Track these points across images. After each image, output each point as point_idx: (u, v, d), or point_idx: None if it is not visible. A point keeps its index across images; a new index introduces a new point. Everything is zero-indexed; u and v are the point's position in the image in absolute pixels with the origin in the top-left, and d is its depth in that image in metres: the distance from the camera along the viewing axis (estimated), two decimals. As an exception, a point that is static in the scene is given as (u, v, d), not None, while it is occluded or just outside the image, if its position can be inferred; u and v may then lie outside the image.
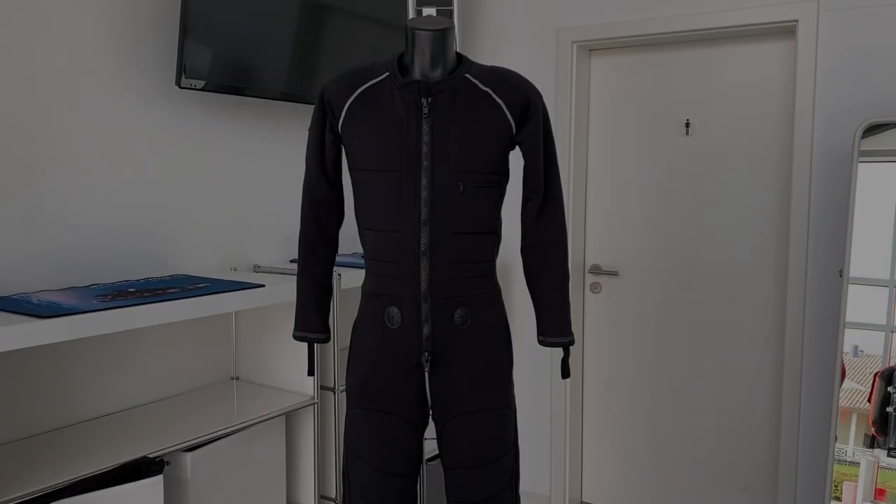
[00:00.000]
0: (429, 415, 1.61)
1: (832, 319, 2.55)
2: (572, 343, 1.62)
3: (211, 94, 2.26)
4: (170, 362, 2.17)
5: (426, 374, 1.54)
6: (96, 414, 1.98)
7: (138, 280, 2.03)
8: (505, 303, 2.11)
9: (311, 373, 1.70)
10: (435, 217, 1.48)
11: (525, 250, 1.62)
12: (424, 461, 2.18)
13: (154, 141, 2.12)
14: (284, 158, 2.53)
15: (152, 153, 2.11)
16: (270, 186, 2.49)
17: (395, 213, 1.49)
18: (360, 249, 2.89)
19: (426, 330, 1.51)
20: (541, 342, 1.63)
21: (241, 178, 2.39)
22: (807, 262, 2.58)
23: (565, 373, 1.65)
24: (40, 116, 1.84)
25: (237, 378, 2.38)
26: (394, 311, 1.52)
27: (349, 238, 2.82)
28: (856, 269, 2.21)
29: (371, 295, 1.56)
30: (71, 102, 1.90)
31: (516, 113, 1.52)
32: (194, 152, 2.23)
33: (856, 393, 2.18)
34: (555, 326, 1.61)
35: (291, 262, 2.55)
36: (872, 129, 2.25)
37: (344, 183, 1.80)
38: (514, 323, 3.24)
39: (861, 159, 2.26)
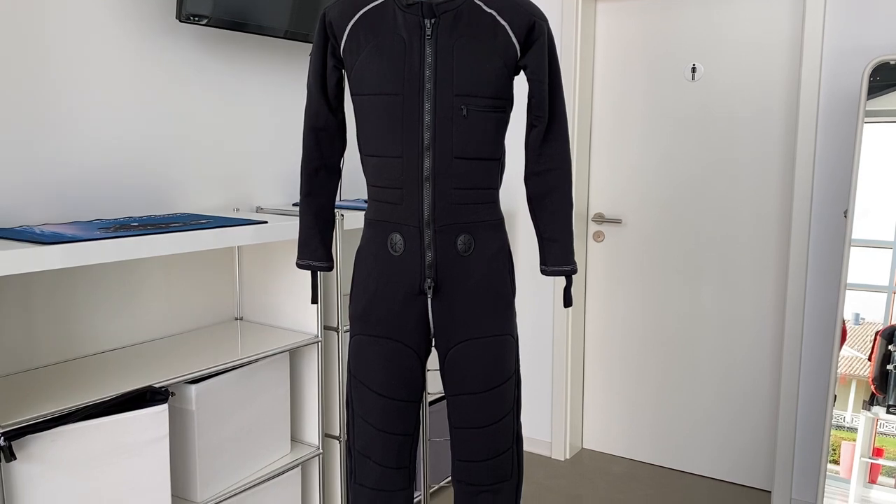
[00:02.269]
0: (431, 342, 1.61)
1: (835, 261, 2.54)
2: (575, 272, 1.62)
3: (213, 29, 2.23)
4: (173, 302, 2.18)
5: (429, 301, 1.55)
6: (99, 349, 1.99)
7: (141, 216, 2.03)
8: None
9: (314, 301, 1.71)
10: (438, 142, 1.47)
11: (529, 178, 1.61)
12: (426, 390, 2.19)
13: (155, 78, 2.10)
14: (287, 100, 2.51)
15: (153, 90, 2.10)
16: (273, 128, 2.48)
17: (398, 139, 1.48)
18: (362, 195, 2.88)
19: (429, 256, 1.51)
20: (543, 271, 1.63)
21: (244, 119, 2.37)
22: (811, 204, 2.56)
23: (568, 302, 1.65)
24: (41, 51, 1.82)
25: (241, 318, 2.39)
26: (397, 237, 1.52)
27: (351, 183, 2.81)
28: (858, 231, 2.19)
29: (374, 222, 1.56)
30: (71, 36, 1.88)
31: (521, 35, 1.50)
32: (196, 91, 2.21)
33: (855, 360, 2.19)
34: (558, 255, 1.61)
35: (294, 205, 2.54)
36: (880, 71, 2.22)
37: (347, 121, 1.78)
38: (515, 257, 3.25)
39: (867, 119, 2.22)
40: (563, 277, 3.02)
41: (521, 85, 2.96)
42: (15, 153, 1.80)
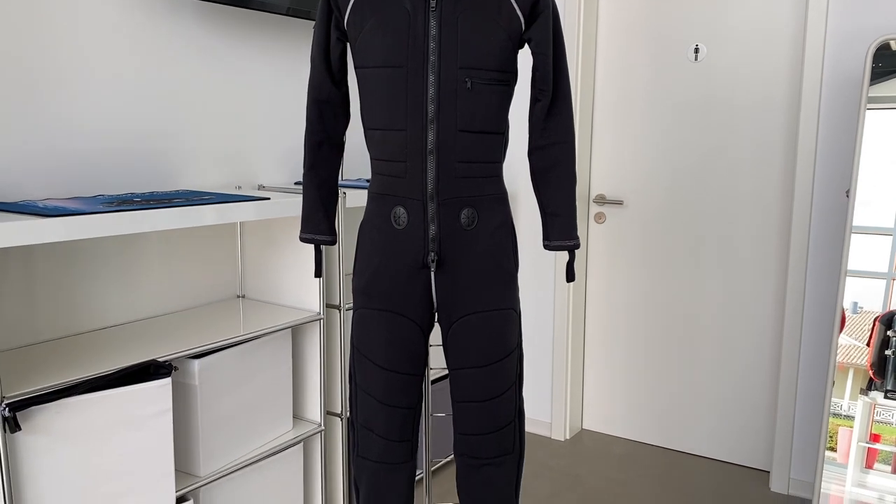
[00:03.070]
0: (434, 317, 1.62)
1: (836, 245, 2.54)
2: (578, 246, 1.62)
3: (216, 5, 2.22)
4: (175, 279, 2.18)
5: (432, 275, 1.55)
6: (101, 325, 2.00)
7: (143, 192, 2.03)
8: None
9: (318, 274, 1.71)
10: (442, 114, 1.47)
11: (532, 152, 1.61)
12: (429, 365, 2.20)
13: (157, 55, 2.09)
14: (289, 79, 2.50)
15: (155, 68, 2.09)
16: (276, 107, 2.47)
17: (402, 111, 1.48)
18: (364, 175, 2.87)
19: (432, 230, 1.51)
20: (546, 246, 1.63)
21: (246, 98, 2.36)
22: (813, 184, 2.56)
23: (570, 276, 1.66)
24: (43, 29, 1.81)
25: (243, 296, 2.39)
26: (400, 211, 1.52)
27: (353, 163, 2.80)
28: (858, 219, 2.18)
29: (377, 196, 1.56)
30: (73, 15, 1.87)
31: (526, 8, 1.49)
32: (198, 69, 2.20)
33: (853, 349, 2.19)
34: (561, 229, 1.61)
35: (296, 183, 2.54)
36: (882, 58, 2.21)
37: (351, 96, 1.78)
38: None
39: (869, 106, 2.21)
40: (565, 253, 3.04)
41: (524, 60, 2.95)
42: (17, 129, 1.79)
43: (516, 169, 3.16)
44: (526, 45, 1.57)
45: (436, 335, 2.78)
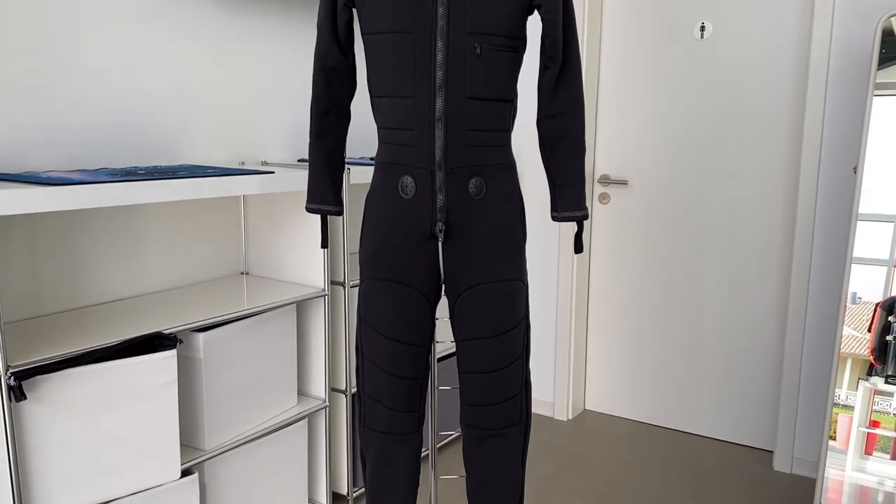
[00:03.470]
0: (441, 288, 1.61)
1: (842, 224, 2.53)
2: (586, 217, 1.61)
3: (217, -20, 2.20)
4: (179, 254, 2.17)
5: (440, 245, 1.54)
6: (104, 299, 1.99)
7: (147, 166, 2.01)
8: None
9: (324, 245, 1.70)
10: (450, 81, 1.45)
11: (541, 121, 1.60)
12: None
13: (162, 28, 2.07)
14: (294, 55, 2.48)
15: (159, 43, 2.07)
16: (280, 83, 2.45)
17: (410, 78, 1.46)
18: (369, 153, 2.86)
19: (440, 199, 1.50)
20: (554, 217, 1.62)
21: (250, 73, 2.35)
22: (819, 163, 2.55)
23: (578, 247, 1.64)
24: (44, 3, 1.80)
25: (246, 273, 2.38)
26: (408, 180, 1.51)
27: (358, 141, 2.79)
28: (862, 206, 2.17)
29: (385, 165, 1.54)
30: (74, -22, 1.85)
31: (535, -27, 1.47)
32: (203, 44, 2.18)
33: (852, 339, 2.19)
34: (569, 200, 1.59)
35: (300, 160, 2.52)
36: (887, 44, 2.18)
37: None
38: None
39: (877, 92, 2.19)
40: (569, 229, 3.02)
41: (533, 29, 2.92)
42: (21, 102, 1.77)
43: (521, 139, 3.14)
44: (535, 12, 1.55)
45: (443, 309, 2.77)
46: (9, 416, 1.45)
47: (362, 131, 2.81)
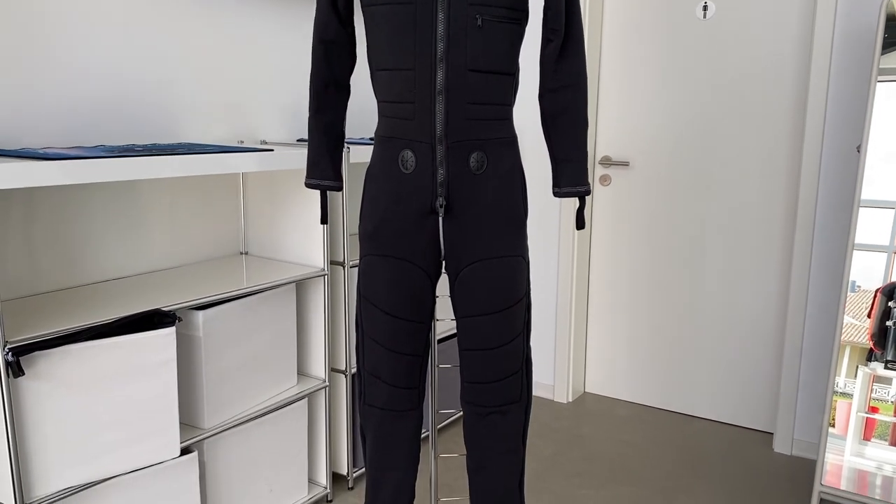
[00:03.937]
0: (442, 264, 1.59)
1: (845, 207, 2.52)
2: (588, 192, 1.60)
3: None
4: (177, 234, 2.16)
5: (440, 220, 1.52)
6: (103, 278, 1.98)
7: (145, 144, 2.00)
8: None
9: (324, 221, 1.68)
10: (451, 53, 1.43)
11: (543, 95, 1.58)
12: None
13: (160, 5, 2.04)
14: (293, 34, 2.46)
15: (158, 22, 2.05)
16: (280, 62, 2.43)
17: (410, 50, 1.44)
18: (367, 133, 2.84)
19: (441, 174, 1.48)
20: (556, 193, 1.61)
21: (249, 52, 2.32)
22: (822, 145, 2.53)
23: (580, 223, 1.63)
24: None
25: (246, 253, 2.37)
26: (408, 154, 1.49)
27: (357, 122, 2.77)
28: (863, 193, 2.15)
29: (385, 139, 1.52)
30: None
31: (537, -56, 1.45)
32: (201, 22, 2.16)
33: (850, 327, 2.18)
34: (571, 175, 1.58)
35: (299, 140, 2.51)
36: (890, 29, 2.15)
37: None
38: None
39: (880, 78, 2.17)
40: (570, 207, 3.01)
41: (536, 4, 2.90)
42: (18, 79, 1.75)
43: (522, 115, 3.11)
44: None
45: (443, 287, 2.76)
46: (7, 392, 1.44)
47: (361, 110, 2.79)
